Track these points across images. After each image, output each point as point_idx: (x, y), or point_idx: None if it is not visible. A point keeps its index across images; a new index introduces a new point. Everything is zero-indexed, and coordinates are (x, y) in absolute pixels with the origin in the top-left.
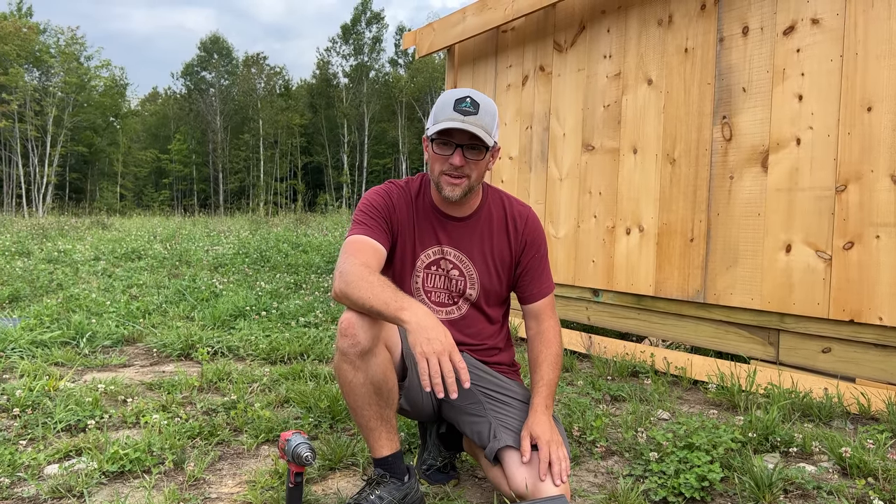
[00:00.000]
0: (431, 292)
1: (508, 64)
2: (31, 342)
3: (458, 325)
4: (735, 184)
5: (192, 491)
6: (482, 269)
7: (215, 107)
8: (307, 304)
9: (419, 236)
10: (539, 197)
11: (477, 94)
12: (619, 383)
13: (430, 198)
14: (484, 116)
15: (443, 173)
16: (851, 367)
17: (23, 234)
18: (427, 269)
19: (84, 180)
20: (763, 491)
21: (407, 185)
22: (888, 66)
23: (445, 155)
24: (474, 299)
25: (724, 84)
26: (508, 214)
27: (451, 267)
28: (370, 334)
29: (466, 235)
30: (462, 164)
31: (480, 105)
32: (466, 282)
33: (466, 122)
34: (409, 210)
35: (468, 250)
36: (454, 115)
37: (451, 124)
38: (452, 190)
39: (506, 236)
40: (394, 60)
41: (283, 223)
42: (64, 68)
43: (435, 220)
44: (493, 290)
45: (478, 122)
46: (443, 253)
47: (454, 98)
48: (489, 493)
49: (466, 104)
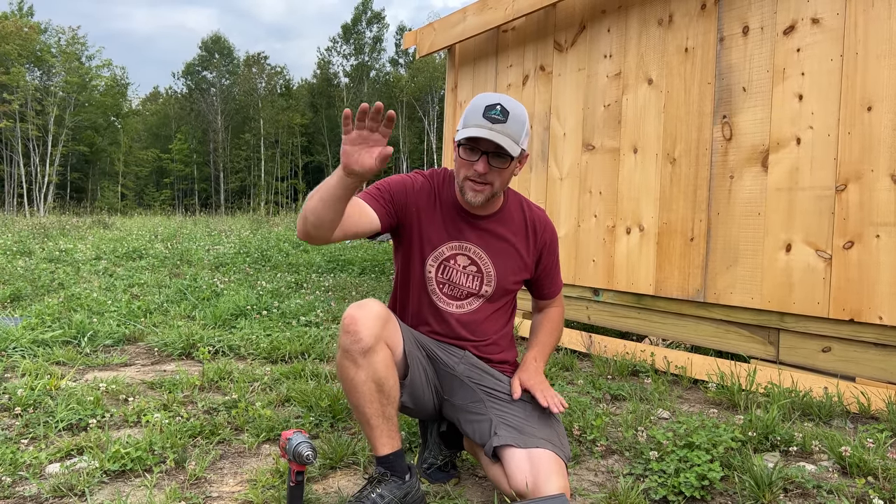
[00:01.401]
0: (445, 284)
1: (509, 63)
2: (32, 341)
3: (467, 321)
4: (735, 183)
5: (193, 490)
6: (500, 269)
7: (216, 106)
8: (308, 303)
9: (438, 228)
10: (539, 196)
11: (508, 101)
12: (619, 382)
13: (454, 194)
14: (513, 125)
15: (467, 178)
16: (851, 366)
17: (24, 233)
18: (446, 261)
19: (85, 180)
20: (763, 490)
21: (432, 176)
22: (888, 66)
23: (471, 161)
24: (488, 296)
25: (725, 84)
26: (528, 218)
27: (469, 263)
28: (373, 332)
29: (487, 234)
30: (486, 171)
31: (510, 113)
32: (484, 279)
33: (494, 131)
34: (432, 200)
35: (488, 249)
36: (483, 122)
37: (478, 132)
38: (475, 196)
39: (525, 239)
40: (394, 60)
41: (284, 223)
42: (65, 68)
43: (457, 215)
44: (508, 289)
45: (505, 131)
46: (462, 249)
47: (485, 104)
48: (489, 492)
49: (496, 112)
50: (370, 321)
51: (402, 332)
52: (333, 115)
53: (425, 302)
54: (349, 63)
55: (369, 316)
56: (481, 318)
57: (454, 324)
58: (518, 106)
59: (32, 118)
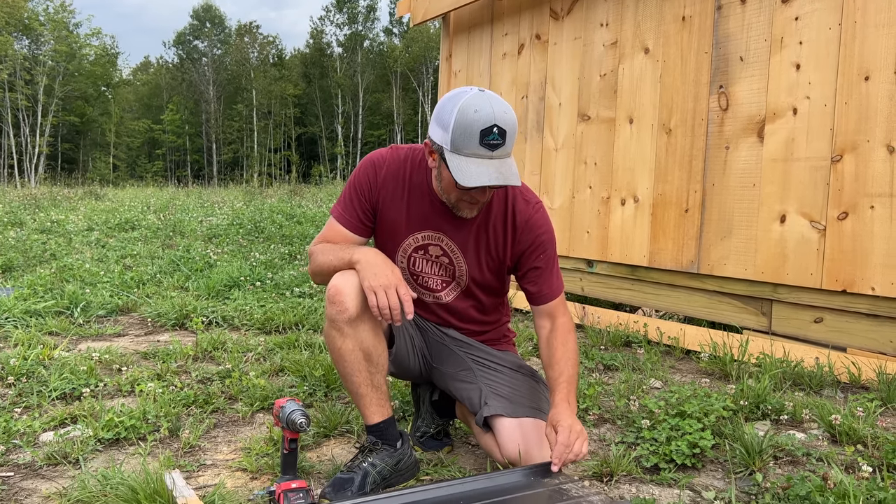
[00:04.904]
0: (418, 276)
1: (504, 32)
2: (24, 312)
3: (450, 307)
4: (731, 154)
5: (187, 457)
6: (472, 264)
7: (208, 76)
8: (302, 274)
9: (409, 216)
10: (534, 168)
11: (501, 116)
12: (612, 353)
13: (428, 180)
14: (510, 141)
15: (461, 199)
16: (843, 336)
17: (15, 204)
18: (415, 252)
19: (76, 151)
20: (753, 457)
21: (404, 159)
22: (887, 35)
23: (472, 191)
24: (463, 287)
25: (722, 53)
26: (509, 210)
27: (441, 254)
28: (358, 301)
29: (462, 226)
30: (484, 197)
31: (507, 132)
32: (456, 270)
33: (500, 174)
34: (402, 189)
35: (461, 242)
36: (480, 150)
37: (486, 179)
38: (469, 212)
39: (503, 236)
40: (388, 30)
41: (278, 194)
42: (54, 36)
43: (429, 205)
44: (485, 283)
45: (505, 153)
46: (433, 239)
47: (479, 129)
48: (482, 460)
49: (494, 137)
50: (355, 291)
51: None
52: (327, 86)
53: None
54: (342, 33)
55: (355, 286)
56: (464, 305)
57: (434, 311)
58: (509, 112)
59: (21, 88)
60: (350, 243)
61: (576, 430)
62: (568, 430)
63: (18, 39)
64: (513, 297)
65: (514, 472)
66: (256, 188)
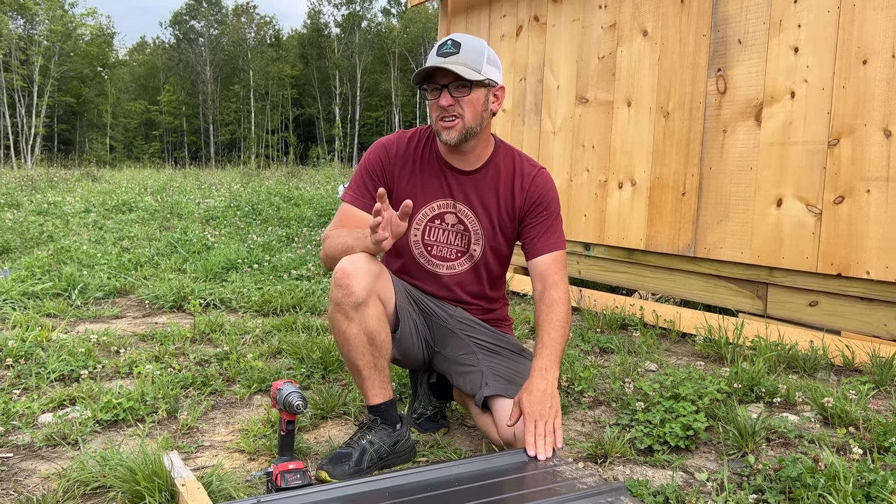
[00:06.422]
0: (433, 246)
1: (503, 13)
2: (22, 293)
3: (458, 281)
4: (728, 137)
5: (185, 439)
6: (486, 226)
7: (205, 57)
8: (299, 257)
9: (423, 189)
10: (532, 150)
11: (460, 35)
12: (608, 335)
13: (437, 151)
14: (467, 53)
15: (438, 119)
16: (837, 320)
17: (11, 185)
18: (431, 222)
19: (73, 132)
20: (746, 439)
21: (411, 137)
22: (885, 18)
23: (434, 99)
24: (478, 256)
25: (720, 36)
26: (517, 172)
27: (456, 221)
28: (364, 285)
29: (473, 190)
30: (450, 103)
31: (462, 44)
32: (472, 237)
33: (447, 63)
34: (413, 164)
35: (474, 205)
36: (436, 59)
37: (429, 64)
38: (448, 133)
39: (510, 194)
40: (386, 10)
41: (275, 176)
42: (49, 16)
43: (441, 172)
44: (497, 247)
45: (459, 60)
46: (449, 206)
47: (437, 45)
48: (478, 441)
49: (447, 46)
50: (362, 275)
51: (395, 285)
52: (324, 67)
53: (416, 265)
54: (340, 13)
55: (361, 270)
56: (473, 278)
57: (445, 284)
58: (471, 38)
59: (17, 68)
60: (362, 225)
61: (543, 415)
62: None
63: (13, 19)
64: (510, 279)
65: (510, 453)
66: (254, 170)
